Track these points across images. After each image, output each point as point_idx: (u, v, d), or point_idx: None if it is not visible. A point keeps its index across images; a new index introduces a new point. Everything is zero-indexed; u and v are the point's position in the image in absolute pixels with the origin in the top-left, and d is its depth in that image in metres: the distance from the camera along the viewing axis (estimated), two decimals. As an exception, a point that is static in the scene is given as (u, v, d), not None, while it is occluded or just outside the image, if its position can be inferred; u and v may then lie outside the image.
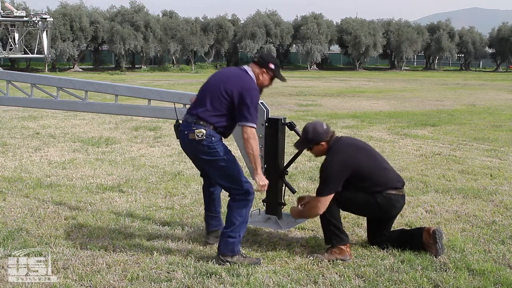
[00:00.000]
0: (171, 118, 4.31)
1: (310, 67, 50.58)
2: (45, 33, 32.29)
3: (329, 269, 3.78)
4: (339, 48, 57.03)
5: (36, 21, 31.83)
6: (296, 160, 4.47)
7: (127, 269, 3.74)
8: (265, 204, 4.51)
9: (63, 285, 3.49)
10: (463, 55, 58.56)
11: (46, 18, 32.22)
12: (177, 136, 3.95)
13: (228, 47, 49.61)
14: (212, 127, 3.75)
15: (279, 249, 4.13)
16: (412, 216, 5.07)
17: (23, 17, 31.79)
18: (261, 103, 4.28)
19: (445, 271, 3.76)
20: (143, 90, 5.00)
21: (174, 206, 5.32)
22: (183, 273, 3.67)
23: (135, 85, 5.69)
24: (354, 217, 4.80)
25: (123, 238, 4.36)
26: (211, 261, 3.86)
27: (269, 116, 4.28)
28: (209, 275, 3.64)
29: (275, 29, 49.42)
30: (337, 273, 3.72)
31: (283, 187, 4.42)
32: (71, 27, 40.91)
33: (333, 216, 3.99)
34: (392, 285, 3.55)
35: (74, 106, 5.43)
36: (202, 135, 3.72)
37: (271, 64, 3.89)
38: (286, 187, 4.41)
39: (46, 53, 33.24)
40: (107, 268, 3.76)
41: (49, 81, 5.37)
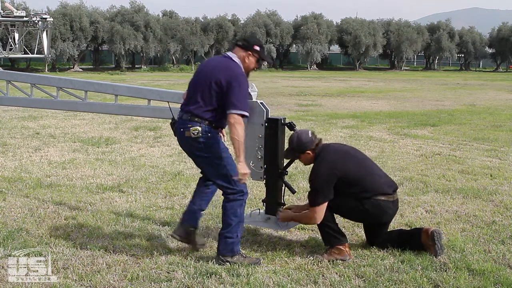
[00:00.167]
0: (171, 118, 4.31)
1: (310, 67, 50.59)
2: (45, 33, 32.31)
3: (329, 269, 3.78)
4: (339, 48, 57.04)
5: (36, 21, 31.85)
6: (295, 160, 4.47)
7: (127, 269, 3.74)
8: (264, 204, 4.51)
9: (63, 285, 3.49)
10: (463, 55, 58.58)
11: (46, 18, 32.24)
12: (175, 133, 3.95)
13: (228, 47, 49.59)
14: (207, 122, 3.72)
15: (279, 249, 4.13)
16: (412, 216, 5.07)
17: (23, 17, 31.82)
18: (261, 103, 4.28)
19: (445, 271, 3.76)
20: (143, 90, 5.00)
21: (174, 206, 5.32)
22: (183, 273, 3.67)
23: (135, 85, 5.69)
24: (354, 217, 4.80)
25: (123, 238, 4.36)
26: (211, 261, 3.86)
27: (269, 116, 4.28)
28: (209, 275, 3.64)
29: (275, 29, 49.44)
30: (337, 273, 3.72)
31: (283, 187, 4.43)
32: (71, 27, 40.92)
33: (327, 219, 4.00)
34: (392, 285, 3.55)
35: (74, 106, 5.43)
36: (197, 133, 3.71)
37: (256, 46, 3.85)
38: (285, 187, 4.41)
39: (46, 53, 33.25)
40: (107, 268, 3.77)
41: (49, 81, 5.37)
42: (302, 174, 6.74)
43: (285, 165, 4.39)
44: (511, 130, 11.18)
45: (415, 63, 64.77)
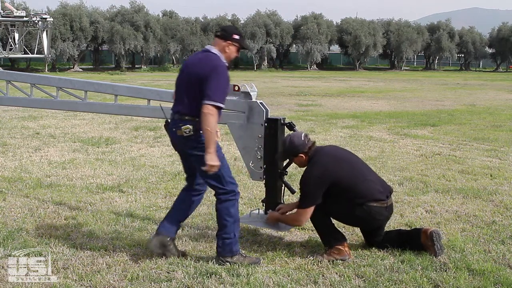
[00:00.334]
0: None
1: (310, 67, 50.60)
2: (45, 33, 32.33)
3: (329, 269, 3.78)
4: (339, 48, 57.05)
5: (36, 21, 31.87)
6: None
7: (127, 269, 3.74)
8: (264, 204, 4.51)
9: (63, 285, 3.49)
10: (463, 55, 58.60)
11: (46, 18, 32.26)
12: (168, 135, 3.93)
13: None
14: (198, 119, 3.69)
15: (279, 249, 4.13)
16: (412, 216, 5.07)
17: (23, 17, 31.84)
18: (260, 103, 4.28)
19: (445, 271, 3.76)
20: (143, 90, 4.99)
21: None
22: (183, 273, 3.67)
23: (134, 85, 5.68)
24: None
25: (123, 238, 4.36)
26: (211, 261, 3.86)
27: (269, 116, 4.28)
28: (209, 275, 3.64)
29: (275, 29, 49.43)
30: (337, 273, 3.72)
31: (283, 187, 4.43)
32: (71, 27, 40.93)
33: (323, 220, 4.01)
34: (392, 285, 3.55)
35: (74, 106, 5.43)
36: (189, 131, 3.69)
37: (235, 35, 3.84)
38: (285, 187, 4.41)
39: (46, 53, 33.27)
40: (107, 268, 3.76)
41: (49, 81, 5.37)
42: (301, 174, 6.73)
43: (284, 165, 4.39)
44: (511, 130, 11.18)
45: (415, 63, 64.78)
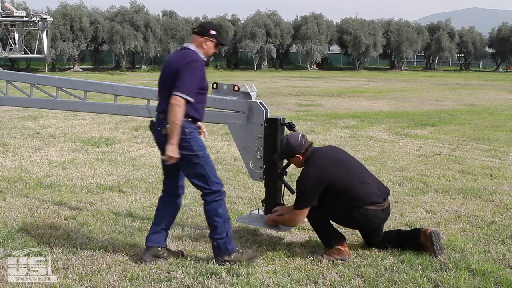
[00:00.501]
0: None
1: (310, 67, 50.58)
2: (45, 33, 32.34)
3: (329, 269, 3.78)
4: (339, 48, 57.02)
5: (36, 21, 31.88)
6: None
7: (127, 269, 3.74)
8: (264, 204, 4.51)
9: (63, 285, 3.49)
10: (463, 55, 58.57)
11: (46, 18, 32.27)
12: (153, 134, 3.91)
13: (228, 47, 49.58)
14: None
15: (279, 249, 4.13)
16: (412, 216, 5.07)
17: (23, 17, 31.85)
18: (260, 103, 4.28)
19: (445, 271, 3.76)
20: (143, 90, 5.00)
21: (174, 206, 5.30)
22: (183, 273, 3.67)
23: (134, 85, 5.68)
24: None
25: (123, 238, 4.36)
26: (211, 261, 3.86)
27: (268, 116, 4.28)
28: (209, 275, 3.64)
29: (275, 29, 49.41)
30: (337, 273, 3.72)
31: (282, 187, 4.43)
32: (71, 27, 40.91)
33: (322, 221, 4.01)
34: (392, 285, 3.55)
35: (73, 106, 5.43)
36: None
37: (212, 30, 3.85)
38: (285, 187, 4.41)
39: (46, 53, 33.27)
40: (107, 268, 3.76)
41: (49, 81, 5.37)
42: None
43: (284, 165, 4.39)
44: (511, 130, 11.18)
45: (415, 63, 64.76)
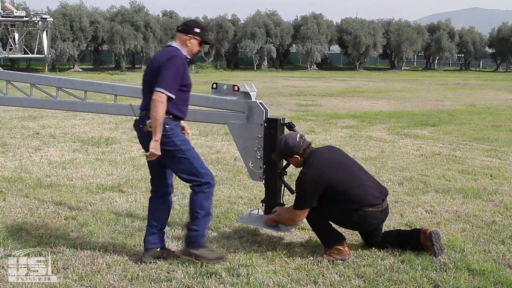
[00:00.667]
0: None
1: (310, 67, 50.57)
2: (45, 33, 32.33)
3: (329, 269, 3.78)
4: (339, 48, 57.00)
5: (36, 21, 31.88)
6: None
7: (127, 269, 3.74)
8: (264, 204, 4.51)
9: (63, 285, 3.50)
10: (463, 55, 58.54)
11: (46, 18, 32.26)
12: (137, 133, 3.92)
13: (228, 47, 49.58)
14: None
15: (279, 249, 4.13)
16: (412, 216, 5.07)
17: (23, 17, 31.84)
18: (260, 103, 4.28)
19: (445, 271, 3.76)
20: (143, 90, 4.98)
21: (174, 206, 5.28)
22: (183, 273, 3.67)
23: (134, 85, 5.68)
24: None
25: (123, 238, 4.37)
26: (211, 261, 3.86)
27: (268, 116, 4.28)
28: (209, 275, 3.64)
29: (275, 29, 49.39)
30: (337, 273, 3.72)
31: (282, 187, 4.43)
32: (71, 27, 40.89)
33: (321, 223, 4.01)
34: (392, 285, 3.55)
35: (73, 106, 5.43)
36: None
37: (196, 28, 3.87)
38: (285, 187, 4.41)
39: (46, 53, 33.27)
40: (107, 268, 3.76)
41: (49, 81, 5.37)
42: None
43: (284, 165, 4.39)
44: (511, 130, 11.18)
45: (415, 63, 64.74)
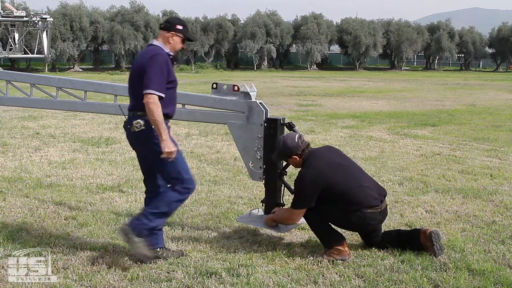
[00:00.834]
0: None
1: (310, 67, 50.57)
2: (45, 33, 32.32)
3: (329, 269, 3.78)
4: (339, 48, 57.01)
5: (36, 21, 31.86)
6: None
7: (127, 269, 3.74)
8: (264, 204, 4.51)
9: (63, 285, 3.50)
10: (463, 55, 58.54)
11: (46, 18, 32.25)
12: (126, 133, 3.91)
13: (228, 47, 49.60)
14: None
15: (279, 249, 4.13)
16: (412, 216, 5.07)
17: (23, 17, 31.83)
18: (260, 103, 4.28)
19: (445, 271, 3.76)
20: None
21: (174, 206, 5.30)
22: (183, 273, 3.67)
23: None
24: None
25: (123, 238, 4.36)
26: (211, 261, 3.86)
27: (268, 116, 4.28)
28: (209, 275, 3.64)
29: (275, 29, 49.40)
30: (337, 273, 3.72)
31: (282, 187, 4.43)
32: (71, 27, 40.91)
33: (320, 224, 4.01)
34: (392, 285, 3.55)
35: (73, 106, 5.43)
36: (140, 126, 3.67)
37: (178, 25, 3.84)
38: (285, 188, 4.41)
39: (46, 53, 33.26)
40: (107, 268, 3.76)
41: (49, 81, 5.36)
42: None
43: (284, 165, 4.39)
44: (511, 130, 11.18)
45: (415, 63, 64.74)
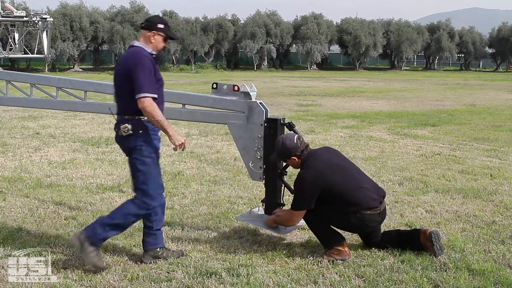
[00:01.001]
0: (170, 118, 4.29)
1: (310, 67, 50.58)
2: (45, 33, 32.35)
3: (329, 269, 3.78)
4: (339, 48, 57.02)
5: (36, 21, 31.89)
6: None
7: (127, 269, 3.74)
8: (264, 204, 4.51)
9: (63, 285, 3.50)
10: (463, 55, 58.55)
11: (46, 18, 32.28)
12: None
13: (228, 47, 49.60)
14: (137, 117, 3.65)
15: (279, 249, 4.13)
16: (412, 216, 5.07)
17: (23, 17, 31.86)
18: (260, 103, 4.28)
19: (445, 271, 3.76)
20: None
21: (174, 206, 5.31)
22: (183, 273, 3.67)
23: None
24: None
25: (123, 238, 4.36)
26: (211, 261, 3.86)
27: (268, 116, 4.28)
28: (209, 275, 3.64)
29: (275, 29, 49.40)
30: (337, 273, 3.72)
31: (282, 187, 4.43)
32: (71, 27, 40.94)
33: (320, 225, 4.01)
34: (392, 285, 3.55)
35: (73, 106, 5.43)
36: (128, 130, 3.65)
37: (159, 24, 3.80)
38: (285, 187, 4.41)
39: (46, 53, 33.28)
40: (107, 268, 3.76)
41: (49, 81, 5.36)
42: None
43: (284, 165, 4.39)
44: (511, 130, 11.18)
45: (415, 63, 64.75)
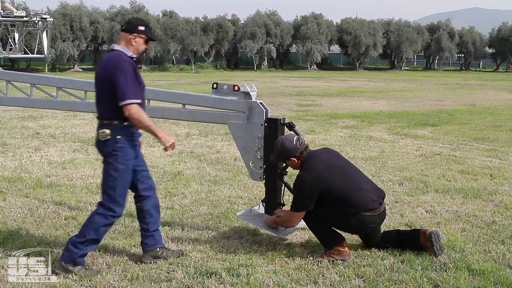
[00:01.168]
0: (170, 118, 4.30)
1: (310, 67, 50.59)
2: (45, 33, 32.36)
3: (329, 269, 3.78)
4: (339, 48, 57.03)
5: (36, 21, 31.91)
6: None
7: (127, 269, 3.74)
8: (264, 204, 4.51)
9: (63, 285, 3.50)
10: (463, 55, 58.56)
11: (46, 18, 32.30)
12: None
13: (228, 47, 49.60)
14: (116, 122, 3.60)
15: (279, 249, 4.13)
16: (412, 216, 5.07)
17: (23, 17, 31.88)
18: (260, 103, 4.28)
19: (445, 271, 3.76)
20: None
21: (174, 206, 5.32)
22: (183, 273, 3.67)
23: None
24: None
25: (123, 238, 4.36)
26: (211, 261, 3.86)
27: (269, 116, 4.28)
28: (209, 275, 3.64)
29: (275, 29, 49.41)
30: (337, 273, 3.72)
31: (282, 187, 4.43)
32: (71, 27, 40.96)
33: (319, 225, 4.01)
34: (392, 285, 3.55)
35: (73, 106, 5.43)
36: (105, 135, 3.61)
37: (140, 26, 3.73)
38: (285, 187, 4.41)
39: (46, 53, 33.29)
40: (107, 268, 3.77)
41: (49, 81, 5.36)
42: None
43: (284, 165, 4.39)
44: (511, 130, 11.18)
45: (415, 63, 64.76)
